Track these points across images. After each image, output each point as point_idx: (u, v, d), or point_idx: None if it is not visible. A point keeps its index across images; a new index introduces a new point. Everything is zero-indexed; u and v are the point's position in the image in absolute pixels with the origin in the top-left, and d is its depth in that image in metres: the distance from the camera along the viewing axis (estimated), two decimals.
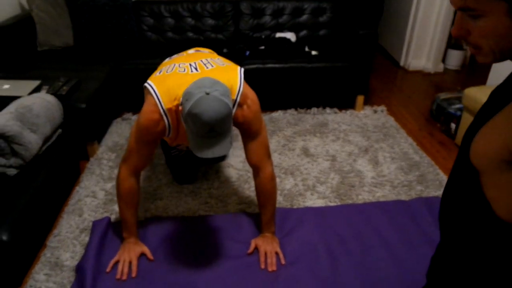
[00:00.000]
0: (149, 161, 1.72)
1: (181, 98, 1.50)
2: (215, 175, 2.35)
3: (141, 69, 2.88)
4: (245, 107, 1.64)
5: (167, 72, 1.69)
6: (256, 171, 1.75)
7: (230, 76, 1.62)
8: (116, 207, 2.06)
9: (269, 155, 1.77)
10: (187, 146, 1.97)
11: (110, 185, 2.22)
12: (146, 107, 1.61)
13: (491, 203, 0.74)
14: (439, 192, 2.22)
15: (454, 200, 0.87)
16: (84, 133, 2.41)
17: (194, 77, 1.56)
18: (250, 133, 1.69)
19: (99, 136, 2.62)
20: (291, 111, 3.13)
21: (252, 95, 1.68)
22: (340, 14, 3.40)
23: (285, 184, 2.26)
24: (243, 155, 2.48)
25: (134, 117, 2.99)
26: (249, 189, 2.22)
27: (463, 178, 0.81)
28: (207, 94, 1.35)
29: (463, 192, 0.82)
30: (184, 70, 1.66)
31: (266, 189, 1.76)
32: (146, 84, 1.64)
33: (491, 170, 0.71)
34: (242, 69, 1.69)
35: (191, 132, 1.42)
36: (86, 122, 2.36)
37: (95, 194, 2.16)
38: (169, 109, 1.58)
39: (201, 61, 1.69)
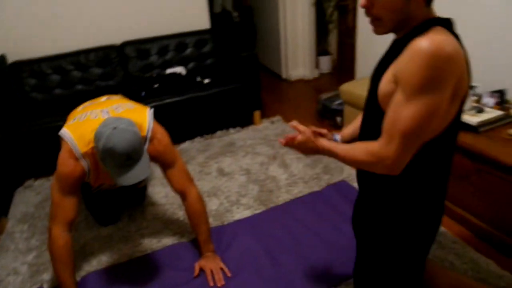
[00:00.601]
0: (77, 210, 1.72)
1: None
2: (141, 215, 2.36)
3: (36, 131, 2.76)
4: (155, 141, 1.78)
5: (80, 120, 1.78)
6: (183, 196, 1.87)
7: (139, 115, 1.76)
8: (45, 276, 1.95)
9: (191, 179, 1.90)
10: (110, 185, 1.99)
11: (32, 256, 2.10)
12: (62, 154, 1.68)
13: None
14: (343, 176, 2.55)
15: (366, 138, 1.16)
16: None
17: None
18: (167, 164, 1.83)
19: (4, 210, 2.44)
20: (198, 139, 3.27)
21: (161, 130, 1.83)
22: (220, 42, 3.68)
23: (211, 205, 2.38)
24: (163, 190, 2.56)
25: (37, 183, 2.83)
26: (178, 220, 2.29)
27: (373, 120, 1.10)
28: (114, 128, 1.49)
29: (374, 131, 1.11)
30: (96, 116, 1.76)
31: (196, 210, 1.87)
32: (60, 132, 1.71)
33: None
34: (152, 109, 1.84)
35: (111, 167, 1.53)
36: None
37: (16, 270, 2.02)
38: (85, 153, 1.66)
39: (112, 106, 1.80)
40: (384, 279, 1.31)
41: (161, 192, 2.57)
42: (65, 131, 1.70)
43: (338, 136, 1.39)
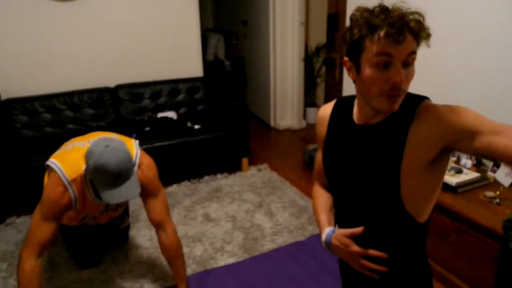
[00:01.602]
0: (52, 238, 1.72)
1: (83, 167, 1.67)
2: (125, 259, 2.34)
3: (23, 168, 2.76)
4: (143, 167, 1.84)
5: (67, 149, 1.83)
6: (161, 228, 1.90)
7: (126, 142, 1.82)
8: None
9: (169, 213, 1.94)
10: (93, 217, 2.00)
11: None
12: (50, 182, 1.71)
13: (412, 215, 0.98)
14: None
15: (371, 226, 1.05)
16: None
17: None
18: (151, 192, 1.87)
19: None
20: (185, 183, 3.30)
21: (148, 158, 1.90)
22: (212, 90, 3.82)
23: (196, 251, 2.38)
24: (148, 233, 2.55)
25: (19, 220, 2.79)
26: (161, 265, 2.27)
27: (377, 208, 1.01)
28: (107, 146, 1.56)
29: (379, 218, 1.02)
30: (84, 145, 1.82)
31: (173, 243, 1.90)
32: (48, 162, 1.74)
33: (414, 186, 0.94)
34: (137, 140, 1.93)
35: (101, 184, 1.57)
36: None
37: None
38: (74, 180, 1.70)
39: (99, 137, 1.82)
40: None
41: (146, 235, 2.55)
42: (52, 161, 1.73)
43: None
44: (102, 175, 1.55)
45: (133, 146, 1.86)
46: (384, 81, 0.87)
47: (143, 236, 2.55)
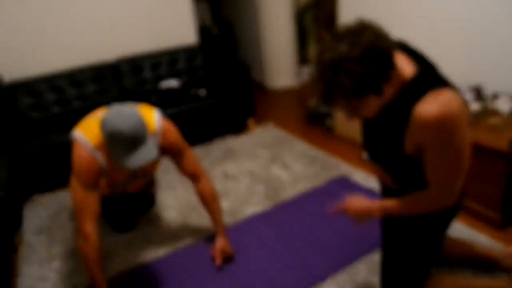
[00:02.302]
0: (99, 203, 1.79)
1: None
2: (158, 219, 2.47)
3: (43, 146, 2.82)
4: (167, 132, 1.89)
5: (88, 119, 1.86)
6: (195, 179, 2.02)
7: (147, 111, 1.87)
8: (75, 280, 2.03)
9: (200, 164, 2.04)
10: (122, 184, 2.06)
11: (56, 263, 2.17)
12: (75, 151, 1.74)
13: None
14: (339, 172, 2.76)
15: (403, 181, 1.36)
16: (7, 223, 2.28)
17: None
18: (178, 153, 1.95)
19: (16, 225, 2.48)
20: (197, 148, 3.41)
21: (167, 123, 1.93)
22: (209, 55, 3.86)
23: (223, 205, 2.52)
24: (172, 193, 2.68)
25: (44, 198, 2.87)
26: (194, 219, 2.42)
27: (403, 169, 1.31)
28: (118, 113, 1.59)
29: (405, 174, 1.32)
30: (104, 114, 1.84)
31: (208, 190, 2.03)
32: (72, 134, 1.79)
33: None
34: (157, 110, 1.96)
35: (118, 151, 1.61)
36: (8, 211, 2.25)
37: (44, 277, 2.08)
38: (96, 145, 1.73)
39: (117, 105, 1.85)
40: (409, 259, 1.46)
41: (174, 197, 2.68)
42: (75, 132, 1.77)
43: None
44: (118, 142, 1.58)
45: (153, 113, 1.87)
46: None
47: (171, 198, 2.68)
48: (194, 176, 2.01)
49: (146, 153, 1.63)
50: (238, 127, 3.65)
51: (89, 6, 3.41)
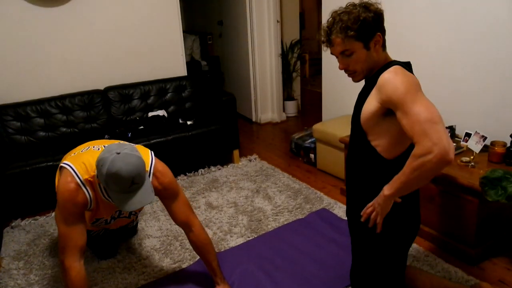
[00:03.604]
0: (85, 237, 1.74)
1: (95, 169, 1.65)
2: (140, 247, 2.47)
3: (28, 171, 2.81)
4: (159, 175, 1.85)
5: (81, 151, 1.85)
6: (188, 227, 1.93)
7: (143, 152, 1.86)
8: None
9: (193, 211, 1.98)
10: (106, 220, 2.03)
11: None
12: (62, 180, 1.69)
13: (376, 149, 1.40)
14: (322, 205, 2.83)
15: (353, 156, 1.52)
16: None
17: None
18: (170, 196, 1.88)
19: None
20: (181, 177, 3.44)
21: (163, 165, 1.91)
22: (196, 88, 3.97)
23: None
24: (156, 224, 2.69)
25: (23, 223, 2.83)
26: (176, 249, 2.42)
27: (357, 141, 1.46)
28: (118, 153, 1.53)
29: (358, 149, 1.47)
30: (99, 149, 1.85)
31: (203, 239, 1.95)
32: (61, 164, 1.75)
33: (372, 126, 1.38)
34: (152, 151, 1.95)
35: (115, 192, 1.58)
36: None
37: None
38: (86, 180, 1.70)
39: (111, 144, 1.79)
40: (374, 278, 1.58)
41: (154, 226, 2.69)
42: (66, 162, 1.74)
43: None
44: (115, 183, 1.53)
45: (148, 154, 1.87)
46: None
47: (152, 227, 2.68)
48: (186, 224, 1.93)
49: (143, 197, 1.60)
50: (223, 159, 3.71)
51: (84, 37, 3.51)
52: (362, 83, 1.49)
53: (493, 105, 2.47)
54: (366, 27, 1.32)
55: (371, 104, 1.35)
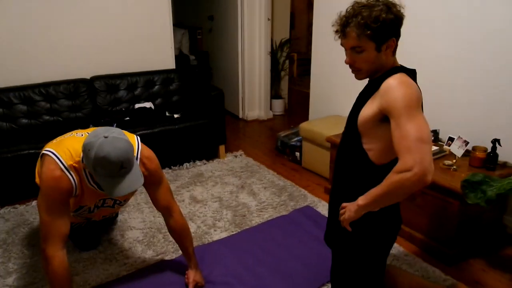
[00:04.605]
0: (68, 225, 1.70)
1: (81, 155, 1.63)
2: (122, 238, 2.44)
3: (9, 158, 2.75)
4: (146, 161, 1.83)
5: (64, 137, 1.81)
6: (168, 212, 1.94)
7: (129, 137, 1.79)
8: None
9: (173, 197, 1.99)
10: (89, 209, 1.99)
11: (12, 279, 2.08)
12: (46, 167, 1.64)
13: (367, 153, 1.39)
14: (306, 203, 2.85)
15: (343, 157, 1.49)
16: None
17: None
18: (155, 182, 1.87)
19: None
20: (166, 170, 3.42)
21: (148, 150, 1.89)
22: (184, 82, 3.95)
23: (190, 229, 2.53)
24: (140, 216, 2.67)
25: (3, 211, 2.77)
26: (159, 241, 2.41)
27: (349, 142, 1.41)
28: (106, 137, 1.50)
29: (349, 150, 1.45)
30: (82, 135, 1.82)
31: (182, 224, 1.97)
32: (43, 151, 1.71)
33: (368, 129, 1.36)
34: (138, 136, 1.93)
35: (103, 177, 1.54)
36: None
37: None
38: (70, 166, 1.66)
39: (97, 128, 1.74)
40: (354, 278, 1.59)
41: (138, 218, 2.67)
42: (48, 149, 1.69)
43: None
44: (104, 168, 1.50)
45: (134, 140, 1.85)
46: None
47: (135, 219, 2.66)
48: (166, 209, 1.94)
49: (132, 181, 1.57)
50: (209, 153, 3.70)
51: (71, 26, 3.45)
52: (352, 84, 1.50)
53: (478, 112, 2.54)
54: (383, 29, 1.28)
55: (371, 108, 1.34)
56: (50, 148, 1.71)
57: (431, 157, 1.20)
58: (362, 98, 1.43)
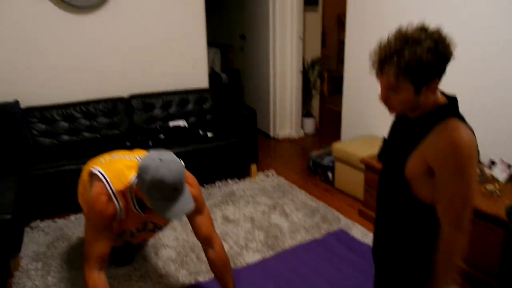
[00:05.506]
0: (109, 248, 1.74)
1: (130, 179, 1.67)
2: (156, 257, 2.47)
3: (51, 173, 2.87)
4: (189, 186, 1.82)
5: (112, 158, 1.85)
6: (209, 243, 1.91)
7: None
8: None
9: (214, 227, 1.97)
10: (131, 233, 2.03)
11: None
12: (95, 191, 1.70)
13: (418, 196, 1.28)
14: (339, 225, 2.80)
15: (388, 199, 1.40)
16: (8, 247, 2.27)
17: None
18: (197, 208, 1.85)
19: (16, 247, 2.47)
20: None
21: (192, 177, 1.91)
22: (218, 100, 4.01)
23: None
24: (173, 234, 2.69)
25: (43, 224, 2.87)
26: (192, 261, 2.42)
27: (394, 185, 1.34)
28: (161, 160, 1.53)
29: (395, 193, 1.35)
30: (130, 159, 1.86)
31: (222, 258, 1.92)
32: (93, 170, 1.75)
33: (417, 179, 1.26)
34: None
35: (157, 200, 1.57)
36: (11, 234, 2.25)
37: None
38: (119, 191, 1.71)
39: (149, 151, 1.78)
40: None
41: (171, 235, 2.70)
42: (98, 170, 1.74)
43: None
44: (158, 191, 1.53)
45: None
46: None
47: (169, 237, 2.69)
48: (207, 240, 1.91)
49: (185, 204, 1.59)
50: (240, 172, 3.72)
51: (110, 48, 3.59)
52: None
53: None
54: (425, 72, 1.13)
55: (419, 163, 1.22)
56: (100, 169, 1.74)
57: (468, 220, 1.20)
58: (403, 139, 1.30)
